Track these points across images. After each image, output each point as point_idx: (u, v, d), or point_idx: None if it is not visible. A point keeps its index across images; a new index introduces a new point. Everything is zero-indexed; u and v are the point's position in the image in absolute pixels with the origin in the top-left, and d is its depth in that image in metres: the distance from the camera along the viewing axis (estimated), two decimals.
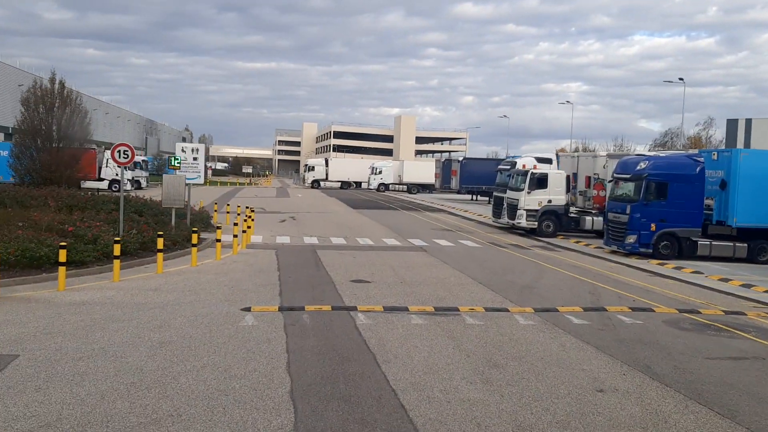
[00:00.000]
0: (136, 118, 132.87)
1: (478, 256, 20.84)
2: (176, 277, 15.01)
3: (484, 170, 55.28)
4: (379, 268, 17.36)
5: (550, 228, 28.35)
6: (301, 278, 15.36)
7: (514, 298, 13.90)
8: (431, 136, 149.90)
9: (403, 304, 12.75)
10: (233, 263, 17.32)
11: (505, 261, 19.91)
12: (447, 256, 20.36)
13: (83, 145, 32.23)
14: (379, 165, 76.59)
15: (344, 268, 17.09)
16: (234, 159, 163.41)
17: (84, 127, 30.59)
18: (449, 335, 10.53)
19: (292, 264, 17.53)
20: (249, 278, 15.15)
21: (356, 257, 19.21)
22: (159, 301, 12.43)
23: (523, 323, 11.59)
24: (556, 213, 28.48)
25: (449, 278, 16.11)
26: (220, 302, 12.45)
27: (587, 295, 14.65)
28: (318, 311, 11.89)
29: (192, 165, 20.88)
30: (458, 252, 21.53)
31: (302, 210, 38.53)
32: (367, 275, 16.06)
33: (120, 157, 17.48)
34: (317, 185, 79.47)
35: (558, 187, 28.59)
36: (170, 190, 19.28)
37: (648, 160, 23.19)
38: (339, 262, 18.18)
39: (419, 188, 72.36)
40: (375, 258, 19.24)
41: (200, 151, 20.77)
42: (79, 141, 31.04)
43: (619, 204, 23.24)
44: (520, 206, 28.50)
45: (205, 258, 18.03)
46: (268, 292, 13.57)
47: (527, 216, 28.40)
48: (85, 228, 17.57)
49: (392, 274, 16.44)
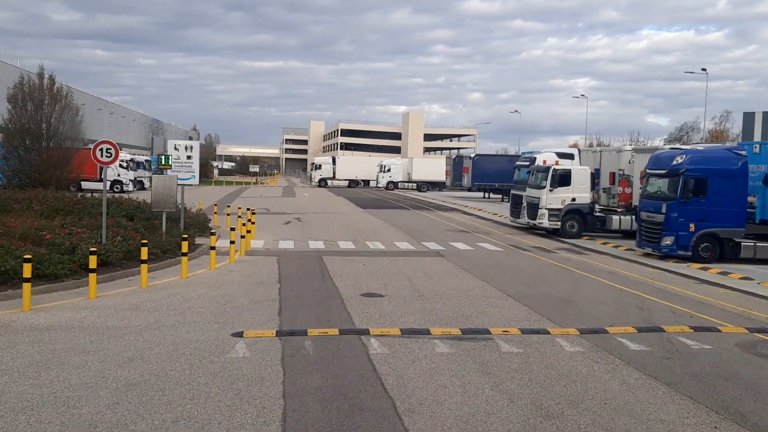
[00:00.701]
0: (142, 117, 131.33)
1: (500, 261, 18.88)
2: (162, 291, 13.14)
3: (496, 167, 53.30)
4: (393, 277, 15.45)
5: (574, 228, 26.34)
6: (304, 292, 13.46)
7: (551, 315, 11.94)
8: (440, 133, 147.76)
9: (424, 325, 10.82)
10: (229, 274, 15.45)
11: (532, 267, 17.93)
12: (466, 262, 18.42)
13: (75, 144, 30.43)
14: (387, 163, 74.69)
15: (353, 278, 15.19)
16: (241, 158, 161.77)
17: (76, 124, 28.83)
18: (484, 369, 8.59)
19: (295, 274, 15.64)
20: (245, 292, 13.27)
21: (366, 265, 17.30)
22: (137, 323, 10.57)
23: (570, 350, 9.63)
24: (580, 212, 26.47)
25: (473, 290, 14.17)
26: (208, 324, 10.57)
27: (635, 310, 12.66)
28: (323, 336, 9.98)
29: (185, 164, 19.02)
30: (478, 257, 19.57)
31: (308, 210, 36.67)
32: (379, 287, 14.15)
33: (102, 156, 15.66)
34: (324, 184, 77.67)
35: (582, 185, 26.57)
36: (160, 192, 17.42)
37: (685, 154, 21.15)
38: (347, 270, 16.28)
39: (429, 186, 70.39)
40: (387, 265, 17.33)
41: (195, 148, 18.91)
42: (71, 140, 29.26)
43: (654, 202, 21.23)
44: (542, 205, 26.49)
45: (198, 267, 16.18)
46: (266, 310, 11.68)
47: (549, 216, 26.39)
48: (65, 235, 15.77)
49: (408, 285, 14.52)
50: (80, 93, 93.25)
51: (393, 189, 72.39)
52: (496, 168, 53.29)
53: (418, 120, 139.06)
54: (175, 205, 17.77)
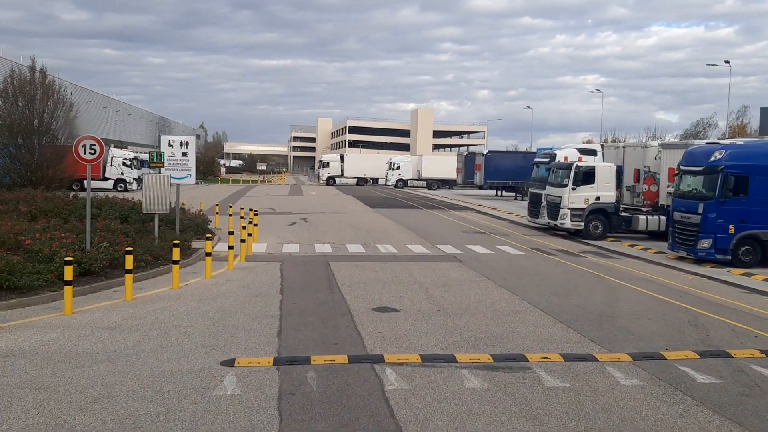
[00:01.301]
0: (149, 115, 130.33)
1: (524, 267, 17.24)
2: (148, 305, 11.61)
3: (510, 164, 51.62)
4: (408, 287, 13.86)
5: (598, 229, 24.66)
6: (308, 306, 11.89)
7: (593, 334, 10.31)
8: (449, 129, 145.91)
9: (448, 349, 9.23)
10: (226, 283, 13.91)
11: (559, 274, 16.29)
12: (487, 268, 16.80)
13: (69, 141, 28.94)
14: (396, 160, 73.03)
15: (364, 288, 13.60)
16: (249, 156, 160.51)
17: (69, 120, 27.35)
18: (527, 412, 6.99)
19: (299, 283, 14.08)
20: (241, 306, 11.71)
21: (378, 272, 15.72)
22: (112, 347, 9.04)
23: (627, 383, 8.01)
24: (605, 212, 24.79)
25: (498, 302, 12.55)
26: (194, 349, 9.02)
27: (689, 327, 11.01)
28: (329, 365, 8.40)
29: (180, 162, 17.50)
30: (499, 262, 17.94)
31: (315, 210, 35.12)
32: (393, 299, 12.56)
33: (86, 153, 14.14)
34: (332, 182, 76.15)
35: (607, 182, 24.88)
36: (152, 193, 15.89)
37: (724, 149, 19.42)
38: (357, 278, 14.70)
39: (439, 184, 68.69)
40: (401, 272, 15.74)
41: (191, 144, 17.37)
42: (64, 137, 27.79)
43: (688, 202, 19.52)
44: (564, 204, 24.81)
45: (193, 275, 14.65)
46: (264, 330, 10.12)
47: (572, 216, 24.71)
48: (46, 240, 14.29)
49: (425, 296, 12.92)
50: (85, 90, 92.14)
51: (402, 187, 70.74)
52: (509, 165, 51.60)
53: (427, 117, 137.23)
54: (168, 206, 16.23)
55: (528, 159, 51.49)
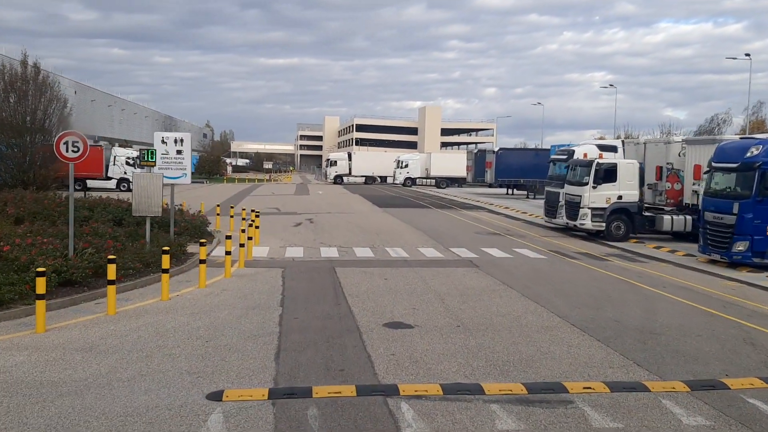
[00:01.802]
0: (154, 114, 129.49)
1: (547, 273, 15.89)
2: (132, 321, 10.36)
3: (521, 162, 50.23)
4: (421, 297, 12.55)
5: (620, 230, 23.27)
6: (311, 321, 10.61)
7: (638, 356, 8.98)
8: (457, 127, 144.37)
9: (473, 376, 7.93)
10: (221, 293, 12.64)
11: (587, 281, 14.93)
12: (507, 274, 15.46)
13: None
14: (405, 158, 71.69)
15: (373, 299, 12.31)
16: (255, 155, 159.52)
17: (64, 118, 26.14)
18: None
19: (302, 293, 12.79)
20: (236, 322, 10.45)
21: (388, 279, 14.42)
22: (83, 375, 7.79)
23: (690, 423, 6.68)
24: (627, 211, 23.39)
25: (525, 316, 11.23)
26: (178, 377, 7.76)
27: (745, 347, 9.66)
28: (334, 398, 7.11)
29: (175, 160, 16.22)
30: (519, 267, 16.60)
31: (322, 210, 33.85)
32: (405, 312, 11.26)
33: (68, 151, 12.92)
34: (340, 181, 74.88)
35: (630, 180, 23.48)
36: (142, 194, 14.63)
37: (761, 144, 18.00)
38: (366, 287, 13.41)
39: (448, 182, 67.30)
40: (413, 279, 14.44)
41: (186, 142, 16.11)
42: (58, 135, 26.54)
43: (722, 201, 18.14)
44: (584, 204, 23.42)
45: (186, 284, 13.41)
46: (260, 351, 8.85)
47: (593, 216, 23.32)
48: (26, 246, 13.10)
49: (441, 309, 11.61)
50: (90, 89, 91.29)
51: (411, 186, 69.41)
52: (520, 163, 50.20)
53: (435, 114, 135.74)
54: (160, 208, 14.97)
55: (540, 156, 50.09)
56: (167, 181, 16.17)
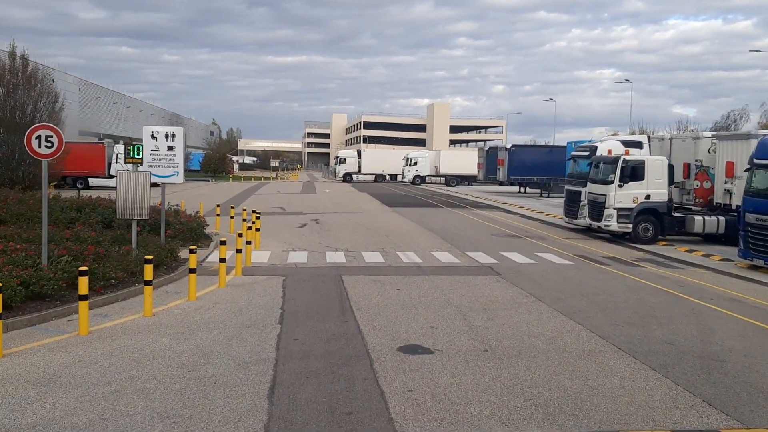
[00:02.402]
0: (161, 111, 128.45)
1: (577, 281, 14.33)
2: (106, 343, 8.91)
3: (534, 159, 48.61)
4: (440, 312, 11.04)
5: (648, 232, 21.67)
6: (314, 344, 9.11)
7: (707, 391, 7.42)
8: (466, 124, 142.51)
9: (511, 424, 6.41)
10: (213, 307, 11.17)
11: (624, 292, 13.35)
12: (532, 283, 13.92)
13: None
14: (413, 155, 70.09)
15: (385, 314, 10.80)
16: (263, 152, 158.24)
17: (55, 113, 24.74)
18: None
19: (305, 307, 11.30)
20: (227, 344, 8.97)
21: (401, 290, 12.91)
22: (32, 419, 6.35)
23: None
24: (656, 212, 21.79)
25: (561, 336, 9.69)
26: (147, 423, 6.28)
27: None
28: None
29: (166, 157, 14.75)
30: (545, 275, 15.05)
31: (328, 210, 32.36)
32: (423, 332, 9.75)
33: (40, 147, 11.48)
34: (349, 179, 73.30)
35: (658, 179, 21.88)
36: (127, 195, 13.15)
37: None
38: (376, 299, 11.91)
39: (458, 180, 65.72)
40: (429, 290, 12.92)
41: (178, 136, 14.63)
42: None
43: (765, 202, 16.52)
44: (609, 204, 21.82)
45: (176, 295, 11.96)
46: (251, 385, 7.37)
47: (618, 217, 21.73)
48: None
49: (464, 328, 10.09)
50: (94, 86, 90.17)
51: (420, 183, 67.86)
52: (534, 160, 48.56)
53: (443, 111, 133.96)
54: (148, 210, 13.51)
55: (554, 153, 48.44)
56: (157, 180, 14.71)
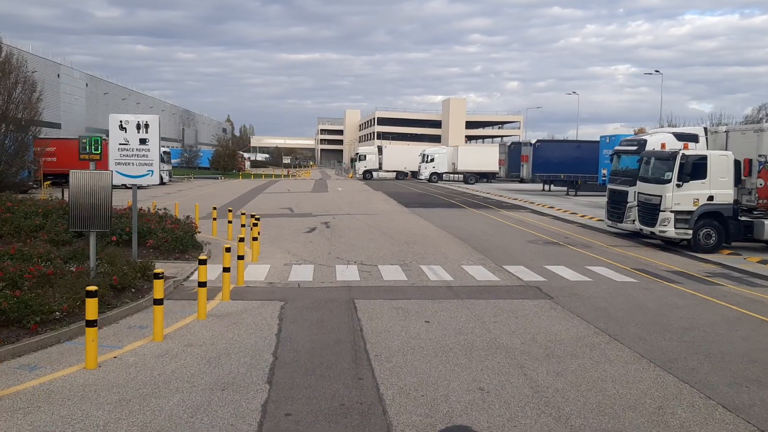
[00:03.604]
0: (171, 108, 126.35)
1: (652, 309, 11.34)
2: (11, 418, 6.12)
3: (561, 155, 45.51)
4: (488, 361, 8.15)
5: (711, 239, 18.61)
6: (314, 423, 6.25)
7: None
8: (483, 120, 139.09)
9: None
10: (183, 352, 8.36)
11: (722, 327, 10.33)
12: (598, 311, 10.98)
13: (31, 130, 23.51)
14: (430, 152, 67.06)
15: (413, 366, 7.92)
16: (275, 149, 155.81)
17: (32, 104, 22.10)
18: None
19: (305, 354, 8.44)
20: (187, 423, 6.14)
21: (431, 322, 10.03)
22: None
23: None
24: (719, 216, 18.73)
25: (669, 406, 6.76)
26: None
27: None
28: None
29: (137, 152, 11.96)
30: (608, 299, 12.07)
31: (340, 211, 29.52)
32: (471, 400, 6.86)
33: None
34: (369, 176, 70.35)
35: (723, 177, 18.81)
36: (83, 201, 10.36)
37: None
38: (400, 340, 9.04)
39: (477, 177, 62.64)
40: (467, 322, 10.03)
41: (152, 127, 11.78)
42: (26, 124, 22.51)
43: None
44: (665, 206, 18.77)
45: (140, 330, 9.17)
46: None
47: (676, 221, 18.68)
48: None
49: (526, 389, 7.18)
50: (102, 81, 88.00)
51: (437, 181, 64.87)
52: (560, 156, 45.43)
53: (459, 107, 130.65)
54: (109, 220, 10.68)
55: (583, 149, 45.29)
56: (126, 181, 11.94)
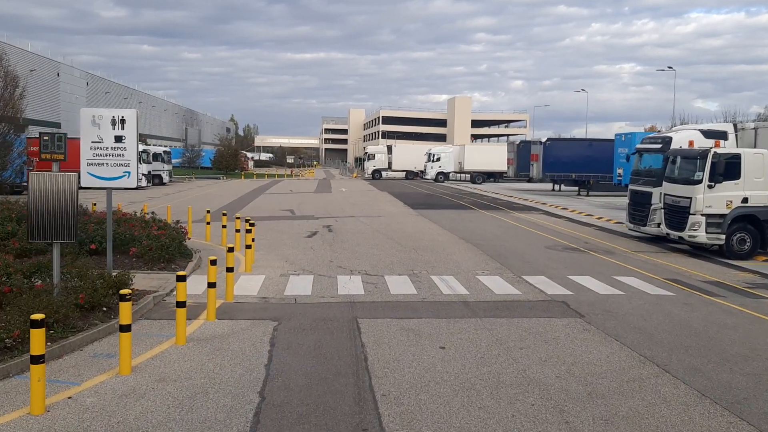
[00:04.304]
0: (174, 107, 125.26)
1: (701, 330, 9.87)
2: None
3: (573, 154, 43.95)
4: (519, 403, 6.73)
5: (745, 244, 17.17)
6: None
7: None
8: (488, 118, 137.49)
9: None
10: (152, 391, 6.97)
11: None
12: (637, 332, 9.55)
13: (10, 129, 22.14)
14: (436, 151, 65.60)
15: (429, 410, 6.51)
16: (279, 149, 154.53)
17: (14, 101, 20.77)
18: None
19: (298, 393, 7.03)
20: None
21: (447, 348, 8.61)
22: None
23: None
24: (754, 219, 17.26)
25: None
26: None
27: None
28: None
29: (113, 152, 10.59)
30: (647, 317, 10.63)
31: (344, 213, 28.12)
32: None
33: None
34: (378, 176, 68.93)
35: (758, 177, 17.36)
36: (43, 208, 8.98)
37: None
38: (411, 372, 7.63)
39: (484, 177, 61.16)
40: (489, 348, 8.61)
41: (129, 123, 10.39)
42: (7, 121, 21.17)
43: None
44: (696, 208, 17.30)
45: (106, 360, 7.80)
46: None
47: (708, 225, 17.22)
48: None
49: None
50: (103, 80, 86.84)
51: (443, 181, 63.43)
52: (571, 155, 43.87)
53: (465, 105, 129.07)
54: (74, 229, 9.29)
55: (595, 147, 43.74)
56: (100, 184, 10.57)
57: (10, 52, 62.02)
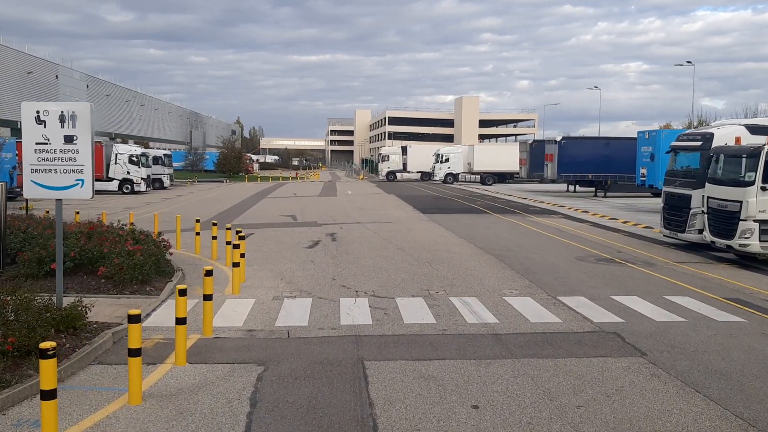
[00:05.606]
0: (178, 110, 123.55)
1: None
2: None
3: (590, 153, 41.72)
4: None
5: None
6: None
7: None
8: (496, 118, 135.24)
9: None
10: None
11: None
12: (723, 380, 7.51)
13: None
14: (445, 151, 63.63)
15: None
16: (284, 151, 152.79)
17: None
18: None
19: None
20: None
21: (481, 406, 6.60)
22: None
23: None
24: None
25: None
26: None
27: None
28: None
29: (62, 154, 8.63)
30: (726, 355, 8.55)
31: (349, 219, 26.12)
32: None
33: None
34: (393, 177, 67.23)
35: None
36: None
37: None
38: None
39: (494, 178, 59.07)
40: (535, 405, 6.60)
41: (82, 119, 8.40)
42: None
43: None
44: (748, 214, 15.22)
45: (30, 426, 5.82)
46: None
47: (762, 232, 15.14)
48: None
49: None
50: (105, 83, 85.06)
51: (452, 182, 61.46)
52: (588, 155, 41.67)
53: (472, 105, 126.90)
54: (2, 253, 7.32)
55: (613, 146, 41.54)
56: (47, 194, 8.61)
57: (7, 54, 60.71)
